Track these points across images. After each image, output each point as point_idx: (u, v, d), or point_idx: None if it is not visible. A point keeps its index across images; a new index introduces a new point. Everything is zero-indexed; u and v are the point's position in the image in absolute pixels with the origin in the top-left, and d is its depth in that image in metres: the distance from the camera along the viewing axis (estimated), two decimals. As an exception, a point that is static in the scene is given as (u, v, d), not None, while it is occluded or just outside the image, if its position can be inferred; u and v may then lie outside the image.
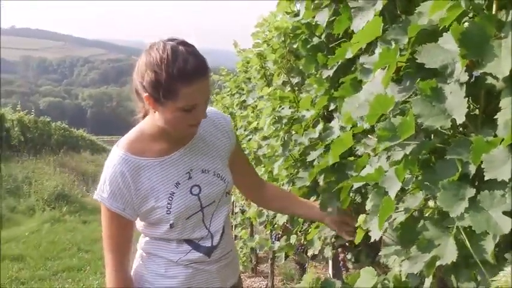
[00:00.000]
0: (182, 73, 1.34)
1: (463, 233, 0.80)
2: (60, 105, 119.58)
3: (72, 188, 11.45)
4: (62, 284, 4.81)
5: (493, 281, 0.63)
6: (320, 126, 1.85)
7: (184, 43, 1.40)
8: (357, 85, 1.44)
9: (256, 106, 3.34)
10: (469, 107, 1.04)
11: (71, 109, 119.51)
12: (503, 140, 0.78)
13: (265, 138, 2.64)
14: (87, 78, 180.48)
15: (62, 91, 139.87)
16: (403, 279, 1.12)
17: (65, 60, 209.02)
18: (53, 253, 6.16)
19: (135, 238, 1.60)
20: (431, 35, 1.07)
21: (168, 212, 1.50)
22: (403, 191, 0.98)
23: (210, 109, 1.67)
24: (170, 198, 1.51)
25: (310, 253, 2.26)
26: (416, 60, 0.96)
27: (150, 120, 1.53)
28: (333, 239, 2.00)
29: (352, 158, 1.68)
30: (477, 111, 1.03)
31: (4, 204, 8.49)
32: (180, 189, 1.53)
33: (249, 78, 4.00)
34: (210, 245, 1.59)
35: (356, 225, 1.36)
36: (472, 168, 0.82)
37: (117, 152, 1.51)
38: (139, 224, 1.62)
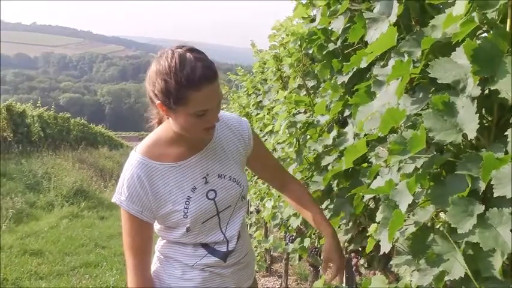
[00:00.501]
0: (191, 80, 1.36)
1: (471, 249, 0.81)
2: (80, 101, 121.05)
3: (90, 183, 11.62)
4: (79, 279, 4.88)
5: None
6: (334, 132, 1.86)
7: (192, 49, 1.42)
8: (372, 93, 1.45)
9: (272, 108, 3.36)
10: (481, 120, 1.05)
11: (90, 105, 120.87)
12: (513, 157, 0.79)
13: (279, 142, 2.66)
14: (105, 75, 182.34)
15: (81, 87, 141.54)
16: (414, 289, 1.13)
17: (85, 57, 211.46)
18: (71, 248, 6.25)
19: (153, 240, 1.64)
20: (444, 48, 1.07)
21: (185, 216, 1.53)
22: (412, 203, 0.99)
23: (225, 113, 1.72)
24: (187, 203, 1.54)
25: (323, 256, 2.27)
26: (429, 75, 0.97)
27: (167, 126, 1.56)
28: (346, 244, 2.01)
29: (365, 165, 1.69)
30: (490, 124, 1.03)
31: (24, 199, 8.64)
32: (196, 193, 1.56)
33: (266, 80, 4.02)
34: (225, 249, 1.62)
35: (368, 234, 1.37)
36: (482, 185, 0.83)
37: (135, 156, 1.54)
38: (156, 227, 1.65)
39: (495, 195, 0.77)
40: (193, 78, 1.36)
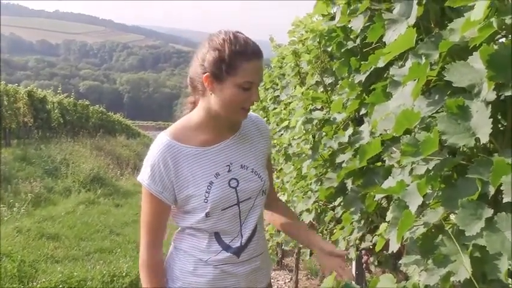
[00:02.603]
0: (243, 51, 1.49)
1: (478, 251, 0.82)
2: (99, 89, 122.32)
3: (107, 171, 11.78)
4: (93, 264, 4.97)
5: None
6: (350, 130, 1.87)
7: (241, 33, 1.55)
8: (388, 93, 1.46)
9: (289, 103, 3.38)
10: (496, 125, 1.05)
11: (109, 93, 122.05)
12: (524, 163, 0.80)
13: (295, 138, 2.68)
14: (125, 64, 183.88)
15: (101, 75, 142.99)
16: (421, 288, 1.14)
17: (105, 45, 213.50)
18: (86, 234, 6.37)
19: (170, 233, 1.68)
20: (462, 51, 1.08)
21: (206, 200, 1.56)
22: (423, 205, 1.01)
23: (252, 114, 1.78)
24: (209, 187, 1.57)
25: (334, 252, 2.29)
26: (445, 78, 0.98)
27: (198, 111, 1.62)
28: (357, 241, 2.03)
29: (379, 164, 1.71)
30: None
31: (42, 184, 8.81)
32: (219, 179, 1.59)
33: (283, 74, 4.03)
34: (239, 244, 1.63)
35: (378, 233, 1.39)
36: (492, 189, 0.84)
37: (163, 137, 1.60)
38: (173, 213, 1.67)
39: (504, 200, 0.79)
40: (246, 50, 1.49)
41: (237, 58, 1.48)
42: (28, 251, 5.15)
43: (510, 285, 0.82)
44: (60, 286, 4.25)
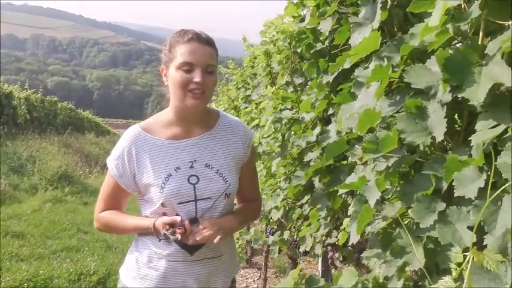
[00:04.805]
0: (181, 37, 1.60)
1: (432, 243, 0.88)
2: (68, 85, 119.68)
3: (75, 169, 11.57)
4: (60, 263, 4.90)
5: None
6: (318, 129, 1.92)
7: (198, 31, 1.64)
8: (354, 93, 1.52)
9: (260, 103, 3.41)
10: (453, 125, 1.12)
11: (78, 90, 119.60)
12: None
13: (265, 137, 2.72)
14: (95, 60, 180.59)
15: (70, 71, 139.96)
16: (381, 280, 1.20)
17: (75, 41, 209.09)
18: (53, 232, 6.25)
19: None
20: (422, 55, 1.14)
21: (161, 191, 1.61)
22: (384, 200, 1.06)
23: (235, 118, 1.83)
24: (166, 179, 1.61)
25: (302, 249, 2.35)
26: (404, 80, 1.03)
27: (169, 108, 1.70)
28: (323, 238, 2.09)
29: (345, 162, 1.76)
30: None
31: (7, 181, 8.59)
32: (178, 173, 1.63)
33: (255, 74, 4.07)
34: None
35: (341, 228, 1.44)
36: (445, 184, 0.89)
37: (134, 127, 1.71)
38: (138, 200, 1.74)
39: (455, 195, 0.84)
40: (185, 36, 1.60)
41: (175, 44, 1.60)
42: (-9, 249, 5.04)
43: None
44: (26, 285, 4.17)
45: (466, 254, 0.72)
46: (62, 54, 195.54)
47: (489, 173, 0.81)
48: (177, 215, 1.60)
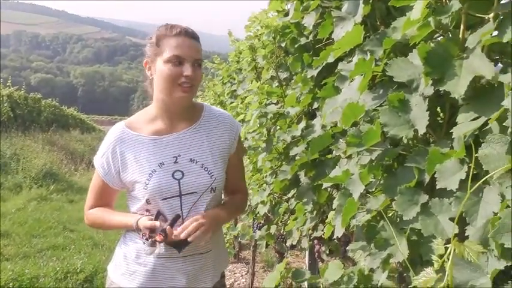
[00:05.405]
0: (169, 31, 1.61)
1: (415, 235, 0.89)
2: (52, 82, 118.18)
3: (60, 166, 11.44)
4: (46, 261, 4.85)
5: (414, 279, 0.72)
6: (303, 124, 1.92)
7: (184, 25, 1.65)
8: (339, 87, 1.52)
9: (246, 97, 3.41)
10: (436, 117, 1.13)
11: (62, 86, 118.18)
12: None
13: (250, 132, 2.72)
14: (79, 56, 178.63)
15: (54, 68, 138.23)
16: (366, 272, 1.21)
17: (58, 37, 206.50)
18: (38, 231, 6.19)
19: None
20: (405, 48, 1.15)
21: (145, 187, 1.60)
22: (368, 193, 1.07)
23: (220, 110, 1.82)
24: (150, 175, 1.61)
25: (289, 243, 2.36)
26: (387, 73, 1.04)
27: (152, 104, 1.70)
28: (310, 231, 2.10)
29: (330, 156, 1.77)
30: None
31: (-9, 180, 8.49)
32: (163, 169, 1.62)
33: (241, 69, 4.06)
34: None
35: (326, 221, 1.45)
36: (427, 177, 0.90)
37: (118, 124, 1.71)
38: (127, 196, 1.73)
39: (437, 187, 0.85)
40: (172, 30, 1.61)
41: (163, 38, 1.60)
42: (-24, 249, 4.97)
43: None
44: (11, 284, 4.12)
45: (448, 245, 0.73)
46: (45, 50, 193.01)
47: (470, 164, 0.82)
48: (158, 212, 1.58)
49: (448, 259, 0.70)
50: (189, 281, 1.66)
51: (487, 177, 0.77)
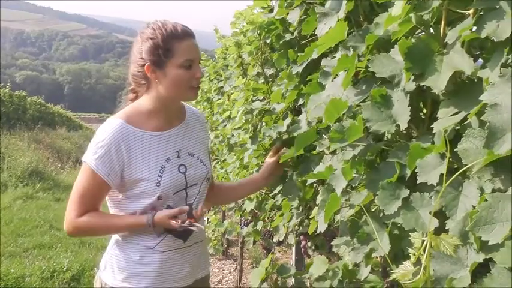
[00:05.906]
0: (175, 33, 1.58)
1: (397, 229, 0.89)
2: (37, 79, 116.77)
3: (46, 164, 11.33)
4: (32, 261, 4.81)
5: (392, 273, 0.72)
6: (288, 120, 1.93)
7: (168, 20, 1.64)
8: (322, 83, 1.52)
9: (232, 94, 3.40)
10: (418, 113, 1.14)
11: (48, 84, 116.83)
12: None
13: (236, 128, 2.72)
14: (65, 53, 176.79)
15: (40, 65, 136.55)
16: (351, 267, 1.22)
17: (44, 34, 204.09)
18: (24, 230, 6.13)
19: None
20: (387, 44, 1.15)
21: (158, 184, 1.59)
22: (352, 188, 1.07)
23: (192, 107, 1.87)
24: (161, 171, 1.61)
25: (275, 239, 2.36)
26: (369, 69, 1.04)
27: (146, 99, 1.66)
28: (296, 227, 2.10)
29: (315, 152, 1.77)
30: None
31: (-24, 178, 8.38)
32: (170, 164, 1.64)
33: (227, 66, 4.05)
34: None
35: (311, 217, 1.45)
36: (409, 171, 0.91)
37: (114, 120, 1.60)
38: (116, 200, 1.65)
39: (418, 181, 0.86)
40: (177, 31, 1.58)
41: (171, 40, 1.56)
42: (-40, 249, 4.91)
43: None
44: (-4, 284, 4.09)
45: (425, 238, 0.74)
46: (31, 47, 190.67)
47: (450, 159, 0.83)
48: (168, 206, 1.60)
49: (425, 252, 0.70)
50: (193, 270, 1.73)
51: (463, 169, 0.77)
